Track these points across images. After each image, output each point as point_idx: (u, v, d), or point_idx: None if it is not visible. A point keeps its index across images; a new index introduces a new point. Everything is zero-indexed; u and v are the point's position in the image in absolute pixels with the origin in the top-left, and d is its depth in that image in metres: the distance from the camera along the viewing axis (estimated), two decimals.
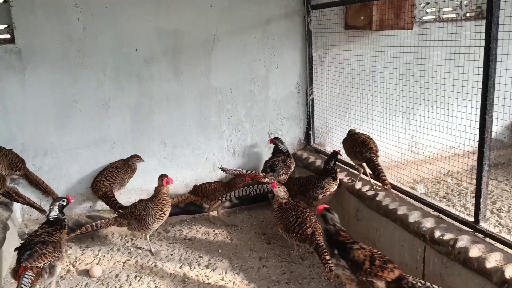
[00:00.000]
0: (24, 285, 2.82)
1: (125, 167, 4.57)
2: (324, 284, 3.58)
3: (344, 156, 4.39)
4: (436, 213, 3.36)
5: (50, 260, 3.10)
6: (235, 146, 5.09)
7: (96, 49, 4.41)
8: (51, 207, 3.49)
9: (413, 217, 3.34)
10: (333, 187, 4.19)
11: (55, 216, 3.47)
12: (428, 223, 3.21)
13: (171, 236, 4.48)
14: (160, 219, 4.02)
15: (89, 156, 4.61)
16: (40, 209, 4.16)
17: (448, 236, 3.01)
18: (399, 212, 3.46)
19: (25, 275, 2.87)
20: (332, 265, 3.36)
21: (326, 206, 3.19)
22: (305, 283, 3.60)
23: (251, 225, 4.66)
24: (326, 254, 3.48)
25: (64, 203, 3.54)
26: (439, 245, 3.02)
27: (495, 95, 3.00)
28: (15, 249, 3.15)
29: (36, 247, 3.04)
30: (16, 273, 2.94)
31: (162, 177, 3.98)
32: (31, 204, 4.10)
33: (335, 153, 4.27)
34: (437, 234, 3.07)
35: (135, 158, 4.61)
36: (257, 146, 5.18)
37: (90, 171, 4.64)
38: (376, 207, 3.74)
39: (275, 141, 4.86)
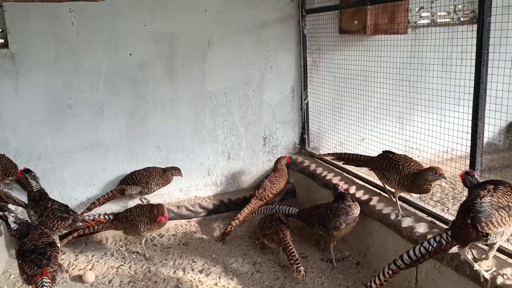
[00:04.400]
0: None
1: (158, 174, 4.54)
2: None
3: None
4: (430, 218, 3.37)
5: (58, 260, 3.17)
6: (230, 150, 5.09)
7: (90, 53, 4.39)
8: None
9: (406, 222, 3.34)
10: (356, 210, 3.72)
11: None
12: (421, 228, 3.22)
13: (165, 241, 4.47)
14: (151, 230, 4.02)
15: (83, 161, 4.59)
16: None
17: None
18: (392, 217, 3.46)
19: (44, 283, 2.89)
20: (300, 265, 3.49)
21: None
22: None
23: (245, 230, 4.65)
24: (293, 254, 3.60)
25: None
26: None
27: (488, 101, 3.02)
28: (18, 254, 3.13)
29: (47, 250, 3.08)
30: (32, 278, 2.97)
31: (158, 212, 3.93)
32: (20, 204, 4.10)
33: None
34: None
35: (176, 170, 4.57)
36: (252, 151, 5.17)
37: (84, 175, 4.62)
38: (369, 212, 3.74)
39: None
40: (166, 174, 4.55)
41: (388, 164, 3.58)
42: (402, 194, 3.74)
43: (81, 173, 4.62)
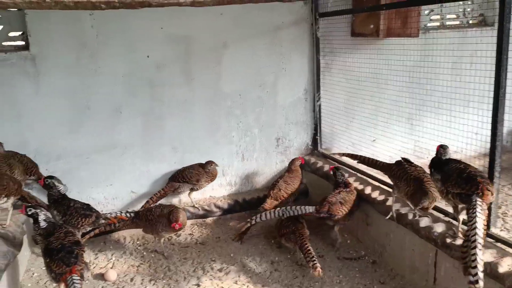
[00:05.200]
0: None
1: (202, 170, 4.73)
2: (337, 287, 3.65)
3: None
4: (447, 218, 3.45)
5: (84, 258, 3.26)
6: (244, 151, 5.17)
7: (108, 55, 4.46)
8: None
9: (424, 222, 3.43)
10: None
11: None
12: (440, 228, 3.30)
13: (182, 240, 4.55)
14: (168, 232, 4.10)
15: (100, 161, 4.65)
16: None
17: (460, 241, 3.09)
18: (410, 217, 3.55)
19: (74, 281, 2.96)
20: (316, 262, 3.59)
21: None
22: (317, 286, 3.68)
23: (260, 229, 4.72)
24: (310, 251, 3.71)
25: None
26: (451, 250, 3.10)
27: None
28: (45, 253, 3.19)
29: (74, 249, 3.15)
30: (61, 276, 3.04)
31: (173, 218, 3.96)
32: (41, 205, 4.16)
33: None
34: (449, 239, 3.15)
35: (210, 164, 4.74)
36: (265, 152, 5.25)
37: (102, 175, 4.69)
38: (386, 212, 3.82)
39: None
40: (206, 170, 4.72)
41: (402, 174, 3.68)
42: None
43: (99, 173, 4.68)
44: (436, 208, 3.58)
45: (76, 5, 2.26)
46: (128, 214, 4.11)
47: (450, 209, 3.53)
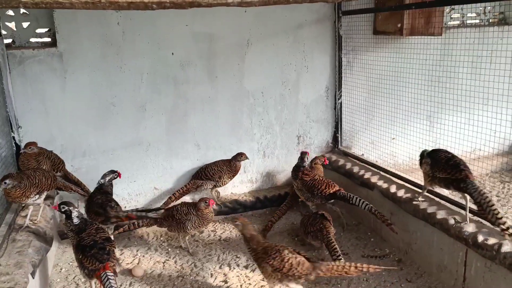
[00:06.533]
0: (112, 285, 2.98)
1: (226, 166, 4.75)
2: (364, 285, 3.68)
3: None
4: (475, 218, 3.47)
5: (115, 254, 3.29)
6: (265, 149, 5.19)
7: (134, 52, 4.48)
8: None
9: (453, 221, 3.44)
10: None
11: None
12: (470, 228, 3.32)
13: (205, 236, 4.58)
14: (198, 227, 4.14)
15: (125, 158, 4.69)
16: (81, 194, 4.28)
17: (492, 240, 3.11)
18: (439, 216, 3.56)
19: (109, 277, 2.99)
20: (341, 258, 3.65)
21: None
22: (344, 284, 3.70)
23: (283, 226, 4.75)
24: (336, 249, 3.75)
25: None
26: (483, 249, 3.12)
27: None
28: (77, 249, 3.21)
29: (106, 245, 3.16)
30: (95, 272, 3.06)
31: (206, 200, 4.01)
32: (76, 190, 4.24)
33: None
34: (480, 238, 3.17)
35: (240, 155, 4.75)
36: (286, 149, 5.27)
37: (126, 172, 4.71)
38: (413, 211, 3.84)
39: None
40: (232, 165, 4.75)
41: None
42: (447, 194, 3.86)
43: (123, 170, 4.66)
44: (462, 207, 3.59)
45: (129, 6, 2.28)
46: (152, 214, 4.15)
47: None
